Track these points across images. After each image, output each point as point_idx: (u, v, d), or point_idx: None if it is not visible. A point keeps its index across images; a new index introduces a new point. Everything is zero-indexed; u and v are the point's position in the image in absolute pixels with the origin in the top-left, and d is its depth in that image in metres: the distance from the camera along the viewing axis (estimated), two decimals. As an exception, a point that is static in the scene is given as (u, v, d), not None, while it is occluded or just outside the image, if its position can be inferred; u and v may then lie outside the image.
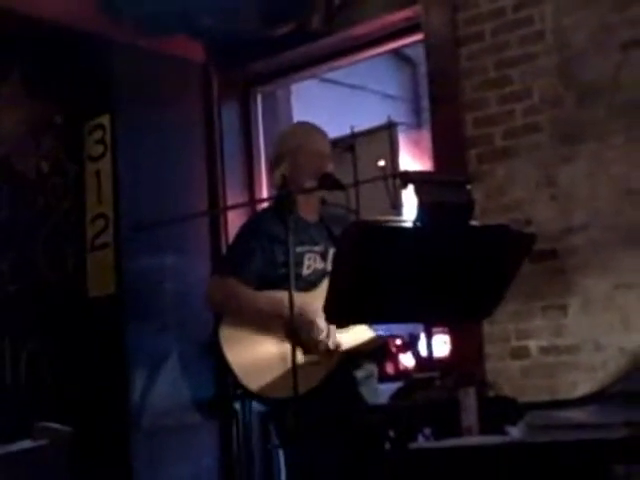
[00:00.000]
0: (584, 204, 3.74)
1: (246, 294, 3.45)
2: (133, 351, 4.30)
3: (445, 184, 2.93)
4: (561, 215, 3.80)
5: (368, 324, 3.39)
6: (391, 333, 3.66)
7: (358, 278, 2.77)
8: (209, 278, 3.87)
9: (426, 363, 3.11)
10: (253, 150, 5.04)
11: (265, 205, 3.98)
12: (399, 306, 2.88)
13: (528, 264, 3.17)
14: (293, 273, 3.16)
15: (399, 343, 3.92)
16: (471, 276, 2.88)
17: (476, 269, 2.87)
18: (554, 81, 3.87)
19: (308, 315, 3.32)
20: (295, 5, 4.56)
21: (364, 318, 3.09)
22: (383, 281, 2.78)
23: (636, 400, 2.41)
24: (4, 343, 4.09)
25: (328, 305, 2.92)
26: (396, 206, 3.83)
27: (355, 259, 2.75)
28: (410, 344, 3.87)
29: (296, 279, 3.27)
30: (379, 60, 5.91)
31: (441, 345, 3.73)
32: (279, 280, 3.37)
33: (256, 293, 3.46)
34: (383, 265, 2.75)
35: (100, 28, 4.41)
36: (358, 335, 3.41)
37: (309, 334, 3.34)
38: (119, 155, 4.43)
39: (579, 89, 3.80)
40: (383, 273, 2.77)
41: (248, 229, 3.65)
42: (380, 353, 3.64)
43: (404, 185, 2.88)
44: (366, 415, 3.10)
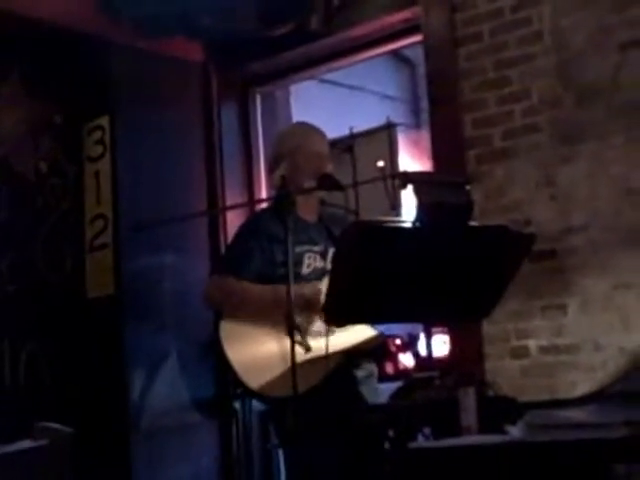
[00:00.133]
0: (583, 204, 3.75)
1: (246, 286, 3.45)
2: (132, 351, 4.30)
3: (444, 185, 2.94)
4: (560, 215, 3.80)
5: (367, 324, 3.39)
6: (391, 333, 3.67)
7: (357, 278, 2.77)
8: (208, 278, 3.87)
9: (426, 363, 3.12)
10: (252, 150, 5.03)
11: (264, 205, 3.98)
12: (398, 306, 2.89)
13: (528, 264, 3.17)
14: (292, 272, 3.17)
15: (399, 343, 3.93)
16: (470, 276, 2.88)
17: (475, 269, 2.87)
18: (553, 82, 3.87)
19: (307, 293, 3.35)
20: (294, 6, 4.56)
21: (363, 318, 3.09)
22: (382, 281, 2.78)
23: (635, 400, 2.42)
24: (3, 344, 4.09)
25: (327, 305, 2.93)
26: (395, 207, 3.83)
27: (354, 259, 2.76)
28: (410, 344, 3.89)
29: (296, 278, 3.27)
30: (378, 61, 5.91)
31: (441, 345, 3.74)
32: (278, 279, 3.37)
33: (255, 285, 3.46)
34: (382, 265, 2.76)
35: (99, 29, 4.41)
36: (358, 333, 3.41)
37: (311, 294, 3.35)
38: (118, 156, 4.42)
39: (578, 90, 3.81)
40: (382, 273, 2.77)
41: (247, 229, 3.65)
42: (380, 352, 3.64)
43: (403, 186, 2.89)
44: (366, 414, 3.10)
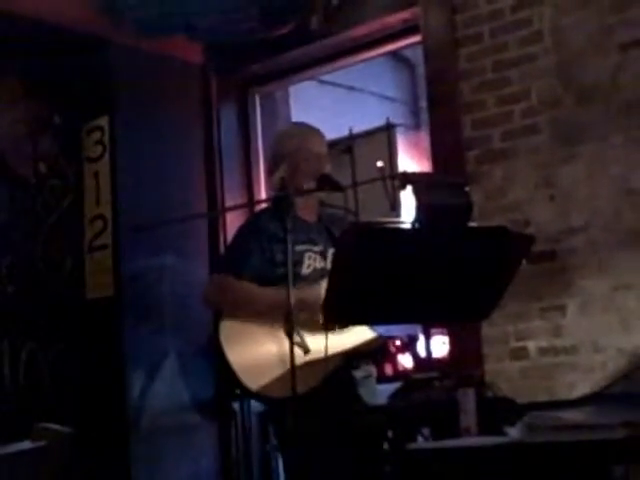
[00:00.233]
0: (583, 205, 3.74)
1: (245, 286, 3.45)
2: (132, 352, 4.29)
3: (444, 185, 2.93)
4: (560, 216, 3.80)
5: (367, 325, 3.39)
6: (390, 334, 3.66)
7: (356, 279, 2.77)
8: (208, 278, 3.86)
9: (425, 364, 3.12)
10: (252, 151, 5.02)
11: (264, 206, 3.98)
12: (398, 307, 2.88)
13: (527, 265, 3.17)
14: (291, 273, 3.16)
15: (398, 344, 3.92)
16: (470, 277, 2.88)
17: (475, 270, 2.87)
18: (553, 82, 3.87)
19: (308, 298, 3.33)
20: (294, 6, 4.56)
21: (363, 319, 3.09)
22: (382, 282, 2.78)
23: (634, 401, 2.42)
24: (3, 344, 4.10)
25: (327, 306, 2.93)
26: (395, 207, 3.83)
27: (354, 260, 2.75)
28: (409, 345, 3.88)
29: (296, 278, 3.26)
30: (377, 62, 5.90)
31: (440, 346, 3.73)
32: (278, 279, 3.36)
33: (255, 286, 3.45)
34: (381, 266, 2.75)
35: (99, 29, 4.41)
36: (358, 335, 3.41)
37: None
38: (118, 156, 4.43)
39: (578, 90, 3.80)
40: (381, 274, 2.76)
41: (247, 229, 3.65)
42: (379, 353, 3.64)
43: (403, 186, 2.88)
44: (365, 415, 3.10)
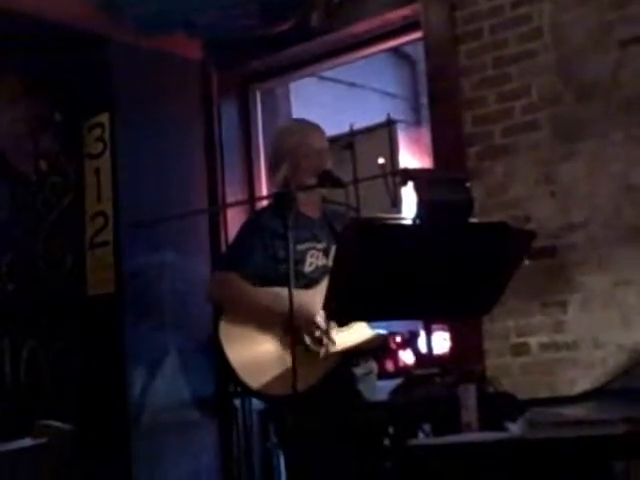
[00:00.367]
0: (583, 201, 3.74)
1: (246, 289, 3.44)
2: (132, 349, 4.30)
3: (444, 181, 2.94)
4: (561, 212, 3.80)
5: (368, 321, 3.38)
6: (391, 330, 3.66)
7: (357, 275, 2.77)
8: (210, 275, 3.86)
9: (426, 360, 3.12)
10: (252, 148, 5.02)
11: (265, 203, 3.98)
12: (399, 303, 2.88)
13: (528, 261, 3.17)
14: (293, 270, 3.16)
15: (399, 340, 3.93)
16: (470, 273, 2.88)
17: (475, 266, 2.87)
18: (553, 78, 3.86)
19: (308, 312, 3.32)
20: (294, 3, 4.56)
21: (364, 315, 3.08)
22: (382, 278, 2.78)
23: (635, 396, 2.42)
24: (4, 341, 4.10)
25: (328, 302, 2.93)
26: (396, 203, 3.82)
27: (355, 256, 2.75)
28: (410, 341, 3.89)
29: (298, 276, 3.27)
30: (378, 58, 5.89)
31: (441, 342, 3.74)
32: (280, 277, 3.35)
33: (256, 288, 3.45)
34: (382, 262, 2.75)
35: (99, 27, 4.41)
36: (358, 333, 3.40)
37: (308, 331, 3.33)
38: (118, 153, 4.43)
39: (578, 86, 3.80)
40: (382, 270, 2.77)
41: (249, 226, 3.64)
42: (380, 351, 3.64)
43: (404, 183, 2.89)
44: (366, 412, 3.10)
